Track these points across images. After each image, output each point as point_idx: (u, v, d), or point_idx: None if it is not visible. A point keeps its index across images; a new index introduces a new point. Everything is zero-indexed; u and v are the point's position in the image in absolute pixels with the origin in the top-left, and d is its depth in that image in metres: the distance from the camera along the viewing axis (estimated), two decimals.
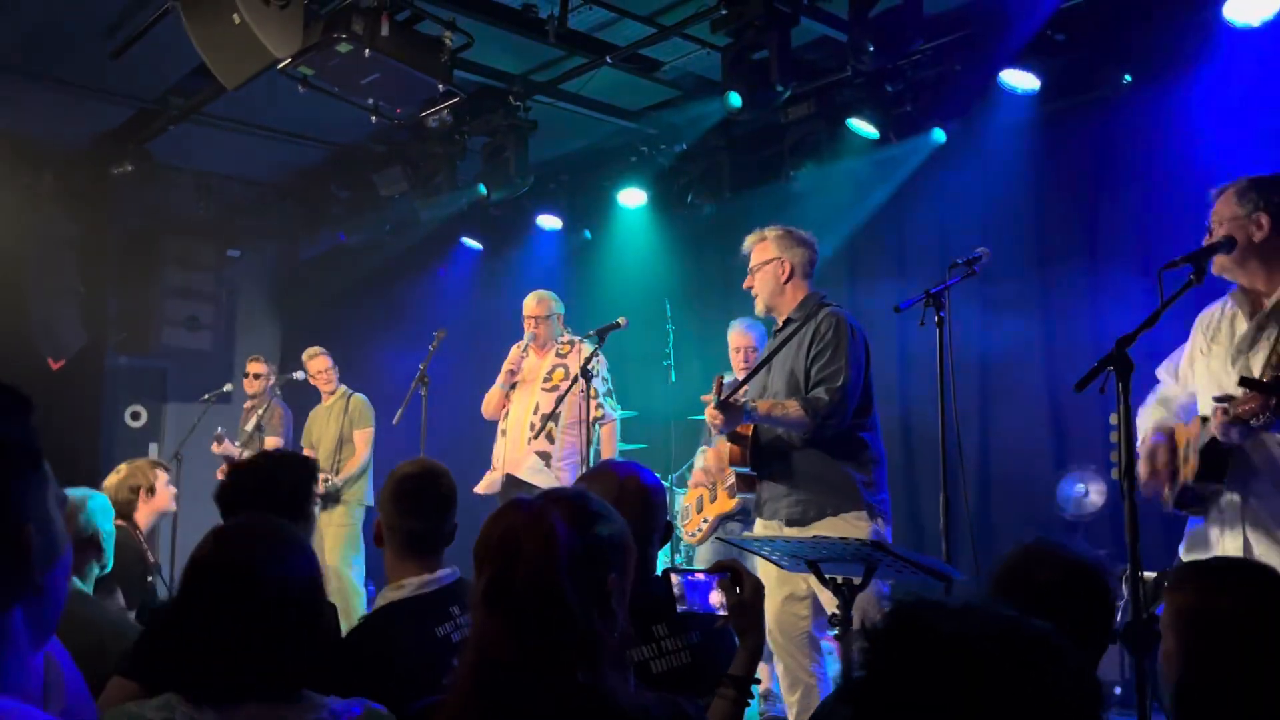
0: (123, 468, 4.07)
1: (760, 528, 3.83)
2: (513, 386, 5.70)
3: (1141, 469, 2.92)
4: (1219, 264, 2.89)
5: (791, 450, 3.66)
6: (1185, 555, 2.99)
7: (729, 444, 3.78)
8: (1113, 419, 2.73)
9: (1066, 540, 5.12)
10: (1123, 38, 4.87)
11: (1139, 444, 2.96)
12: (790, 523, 3.64)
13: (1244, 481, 2.80)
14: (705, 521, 5.23)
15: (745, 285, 3.97)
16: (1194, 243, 2.92)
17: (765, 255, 3.89)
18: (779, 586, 3.67)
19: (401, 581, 2.40)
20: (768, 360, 3.79)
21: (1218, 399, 2.72)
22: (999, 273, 5.27)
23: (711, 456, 4.16)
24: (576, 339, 5.68)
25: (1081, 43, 5.01)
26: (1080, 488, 5.05)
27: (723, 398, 3.58)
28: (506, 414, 5.69)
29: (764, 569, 3.52)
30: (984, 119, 5.37)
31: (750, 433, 3.71)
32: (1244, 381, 2.61)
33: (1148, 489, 2.93)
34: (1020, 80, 5.09)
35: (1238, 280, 2.95)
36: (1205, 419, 2.87)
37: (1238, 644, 1.52)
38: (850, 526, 3.50)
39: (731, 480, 5.09)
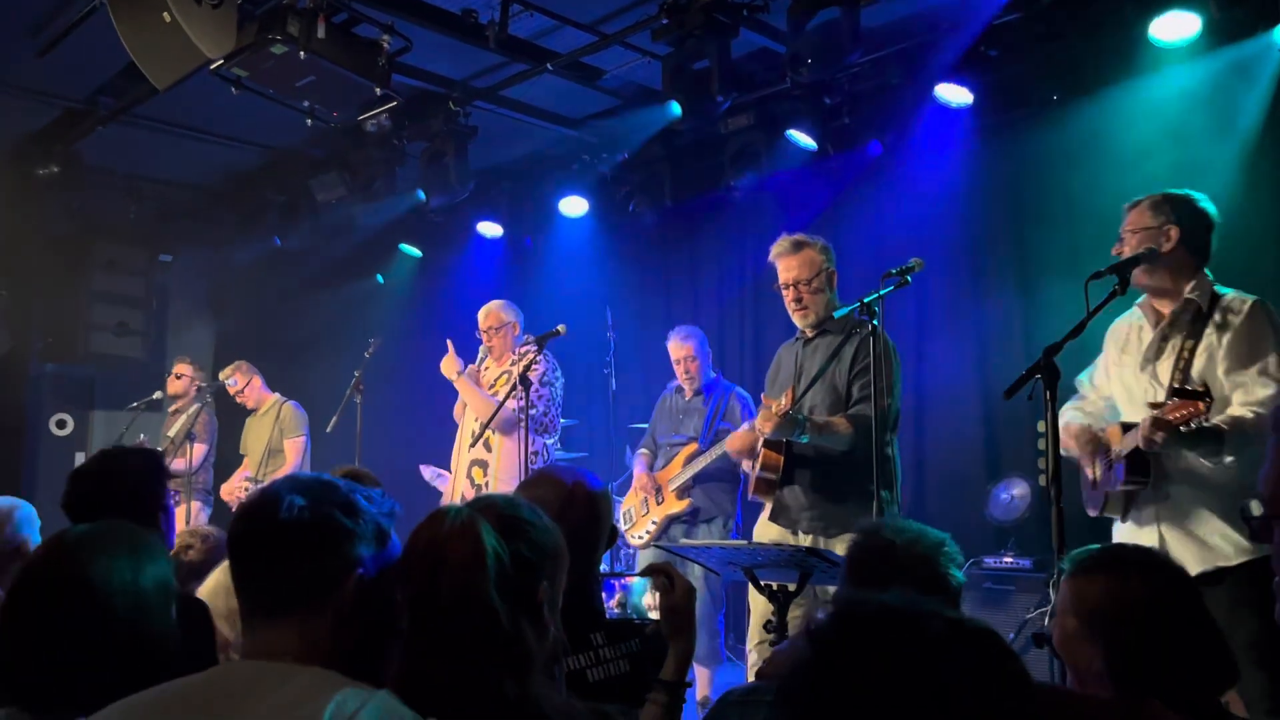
0: None
1: (763, 530, 3.80)
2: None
3: (1079, 453, 3.09)
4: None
5: (822, 462, 3.66)
6: None
7: (765, 449, 3.76)
8: (1040, 426, 2.80)
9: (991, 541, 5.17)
10: (1052, 54, 4.98)
11: (1063, 434, 3.08)
12: (811, 533, 3.64)
13: (1160, 485, 2.95)
14: (654, 523, 5.21)
15: (792, 298, 3.77)
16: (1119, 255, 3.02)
17: (817, 267, 3.77)
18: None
19: None
20: (819, 376, 3.72)
21: (1152, 405, 2.80)
22: (933, 281, 5.36)
23: (740, 440, 4.04)
24: (522, 349, 5.59)
25: (1013, 59, 5.11)
26: (1008, 494, 5.15)
27: (789, 408, 3.56)
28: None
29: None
30: (920, 132, 5.45)
31: (785, 440, 3.71)
32: (1175, 393, 2.74)
33: (1090, 469, 3.11)
34: (954, 94, 5.17)
35: (1144, 288, 3.08)
36: (1127, 425, 2.98)
37: (1147, 631, 1.63)
38: None
39: (681, 482, 5.10)
